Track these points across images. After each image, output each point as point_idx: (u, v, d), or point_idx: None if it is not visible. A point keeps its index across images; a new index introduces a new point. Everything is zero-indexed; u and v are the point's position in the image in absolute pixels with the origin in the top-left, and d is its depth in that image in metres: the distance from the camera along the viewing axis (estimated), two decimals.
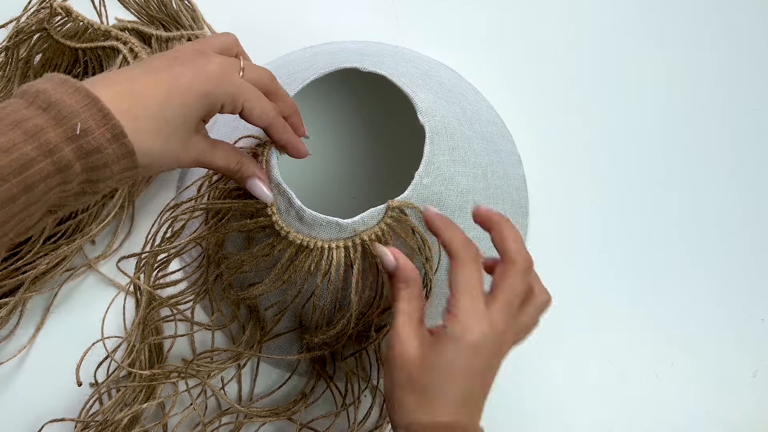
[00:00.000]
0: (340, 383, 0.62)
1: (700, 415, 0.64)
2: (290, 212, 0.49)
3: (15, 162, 0.36)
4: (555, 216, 0.67)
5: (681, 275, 0.67)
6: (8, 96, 0.65)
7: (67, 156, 0.38)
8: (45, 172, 0.37)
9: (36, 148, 0.37)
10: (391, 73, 0.52)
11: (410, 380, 0.43)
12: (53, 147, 0.37)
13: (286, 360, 0.62)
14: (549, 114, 0.70)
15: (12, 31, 0.65)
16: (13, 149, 0.36)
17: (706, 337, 0.65)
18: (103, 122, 0.38)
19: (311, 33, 0.71)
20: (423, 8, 0.73)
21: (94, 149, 0.38)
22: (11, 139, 0.36)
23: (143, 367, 0.59)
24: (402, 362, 0.44)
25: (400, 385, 0.44)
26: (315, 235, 0.50)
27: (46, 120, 0.37)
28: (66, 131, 0.38)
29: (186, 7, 0.68)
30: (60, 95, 0.38)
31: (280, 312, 0.57)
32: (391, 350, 0.44)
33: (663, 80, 0.71)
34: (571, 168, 0.69)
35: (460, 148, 0.54)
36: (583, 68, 0.71)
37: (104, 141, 0.39)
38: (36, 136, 0.37)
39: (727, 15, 0.73)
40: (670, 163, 0.69)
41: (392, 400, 0.44)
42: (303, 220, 0.49)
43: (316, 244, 0.50)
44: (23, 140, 0.37)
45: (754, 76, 0.72)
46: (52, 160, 0.37)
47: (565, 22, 0.73)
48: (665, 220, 0.68)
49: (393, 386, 0.44)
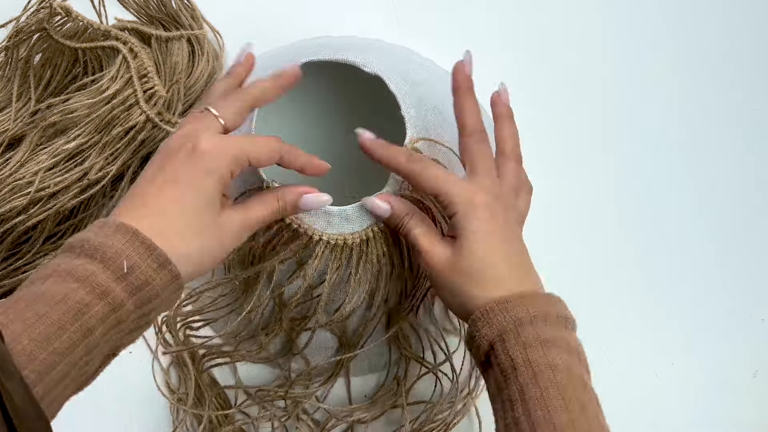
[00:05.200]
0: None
1: (700, 415, 0.64)
2: (330, 219, 0.50)
3: (72, 309, 0.37)
4: (555, 216, 0.67)
5: (681, 275, 0.67)
6: (8, 96, 0.65)
7: (120, 295, 0.38)
8: (101, 314, 0.38)
9: (89, 292, 0.37)
10: (368, 62, 0.52)
11: (452, 279, 0.45)
12: (105, 288, 0.38)
13: (374, 359, 0.63)
14: (549, 114, 0.70)
15: (12, 31, 0.65)
16: (68, 297, 0.37)
17: (706, 337, 0.65)
18: (147, 254, 0.39)
19: (311, 33, 0.71)
20: (423, 8, 0.73)
21: (143, 283, 0.39)
22: (66, 287, 0.37)
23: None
24: (438, 269, 0.46)
25: (447, 287, 0.46)
26: (347, 230, 0.50)
27: (95, 264, 0.38)
28: (114, 271, 0.38)
29: (185, 6, 0.68)
30: (102, 239, 0.39)
31: (365, 321, 0.57)
32: (425, 265, 0.47)
33: (662, 80, 0.71)
34: (570, 168, 0.69)
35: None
36: (583, 69, 0.71)
37: (151, 272, 0.39)
38: (87, 280, 0.38)
39: (727, 15, 0.73)
40: (670, 163, 0.69)
41: (450, 304, 0.47)
42: (350, 219, 0.50)
43: (354, 239, 0.50)
44: (76, 287, 0.37)
45: (754, 76, 0.72)
46: (107, 302, 0.38)
47: (565, 22, 0.73)
48: (665, 220, 0.68)
49: (443, 293, 0.47)
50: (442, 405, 0.61)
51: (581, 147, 0.69)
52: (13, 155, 0.62)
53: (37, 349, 0.35)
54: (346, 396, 0.64)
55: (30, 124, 0.63)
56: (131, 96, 0.61)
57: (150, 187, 0.42)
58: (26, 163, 0.61)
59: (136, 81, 0.61)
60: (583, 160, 0.69)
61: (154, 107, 0.61)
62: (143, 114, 0.61)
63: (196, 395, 0.60)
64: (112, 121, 0.60)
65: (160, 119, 0.62)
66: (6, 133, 0.63)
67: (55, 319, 0.36)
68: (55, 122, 0.61)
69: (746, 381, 0.65)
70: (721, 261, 0.67)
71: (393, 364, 0.63)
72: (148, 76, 0.62)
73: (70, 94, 0.63)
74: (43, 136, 0.62)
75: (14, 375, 0.33)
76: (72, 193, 0.61)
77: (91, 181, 0.61)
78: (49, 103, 0.63)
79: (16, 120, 0.64)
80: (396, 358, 0.62)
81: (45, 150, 0.61)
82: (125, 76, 0.61)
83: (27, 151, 0.61)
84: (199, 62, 0.67)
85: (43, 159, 0.61)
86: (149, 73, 0.62)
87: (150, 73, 0.62)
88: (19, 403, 0.32)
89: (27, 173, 0.60)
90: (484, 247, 0.45)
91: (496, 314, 0.43)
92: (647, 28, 0.73)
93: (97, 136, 0.61)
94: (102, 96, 0.60)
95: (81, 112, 0.60)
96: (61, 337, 0.36)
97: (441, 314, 0.62)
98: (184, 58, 0.65)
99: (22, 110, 0.65)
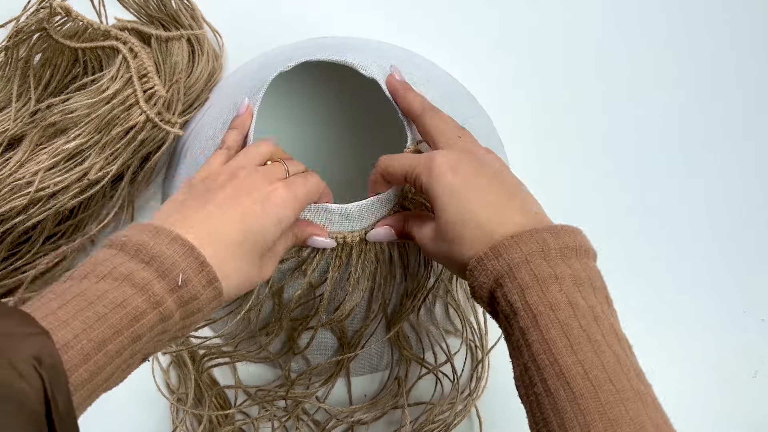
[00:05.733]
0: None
1: (700, 415, 0.64)
2: (331, 217, 0.50)
3: (128, 315, 0.38)
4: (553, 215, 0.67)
5: (681, 275, 0.67)
6: (8, 96, 0.65)
7: (170, 306, 0.40)
8: (151, 322, 0.39)
9: (145, 300, 0.39)
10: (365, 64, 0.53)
11: (441, 248, 0.45)
12: (160, 299, 0.39)
13: (374, 359, 0.63)
14: (549, 114, 0.70)
15: (12, 30, 0.65)
16: (126, 303, 0.38)
17: (706, 337, 0.65)
18: (199, 270, 0.41)
19: (311, 33, 0.71)
20: (423, 9, 0.73)
21: (192, 297, 0.41)
22: (124, 292, 0.38)
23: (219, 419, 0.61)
24: (429, 246, 0.47)
25: (442, 257, 0.46)
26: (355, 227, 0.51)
27: (151, 273, 0.39)
28: (169, 283, 0.40)
29: (185, 6, 0.68)
30: (159, 247, 0.40)
31: (366, 321, 0.57)
32: (423, 251, 0.48)
33: (662, 80, 0.71)
34: (568, 168, 0.69)
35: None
36: (583, 70, 0.71)
37: (200, 287, 0.41)
38: (144, 288, 0.39)
39: (726, 16, 0.73)
40: (670, 163, 0.69)
41: (456, 273, 0.46)
42: (350, 218, 0.50)
43: (354, 237, 0.51)
44: (133, 293, 0.38)
45: (754, 76, 0.72)
46: (158, 311, 0.39)
47: (565, 22, 0.73)
48: (665, 220, 0.68)
49: (446, 265, 0.47)
50: (442, 406, 0.61)
51: (580, 148, 0.69)
52: (13, 155, 0.62)
53: (93, 350, 0.36)
54: (346, 396, 0.64)
55: (30, 124, 0.63)
56: (131, 96, 0.61)
57: (211, 208, 0.44)
58: (26, 163, 0.61)
59: (136, 81, 0.61)
60: (581, 161, 0.69)
61: (154, 107, 0.61)
62: (143, 114, 0.61)
63: (196, 395, 0.60)
64: (112, 121, 0.60)
65: (160, 119, 0.62)
66: (6, 133, 0.63)
67: (113, 323, 0.37)
68: (55, 122, 0.61)
69: (746, 381, 0.65)
70: (721, 261, 0.67)
71: (394, 364, 0.63)
72: (148, 76, 0.62)
73: (70, 94, 0.63)
74: (43, 136, 0.62)
75: (62, 384, 0.33)
76: (72, 193, 0.61)
77: (91, 181, 0.61)
78: (49, 103, 0.63)
79: (16, 120, 0.64)
80: (397, 358, 0.62)
81: (45, 150, 0.61)
82: (125, 76, 0.61)
83: (27, 151, 0.61)
84: (199, 62, 0.67)
85: (43, 159, 0.61)
86: (149, 73, 0.62)
87: (150, 73, 0.62)
88: (63, 411, 0.33)
89: (27, 173, 0.60)
90: (456, 205, 0.43)
91: (489, 261, 0.41)
92: (647, 28, 0.73)
93: (97, 136, 0.61)
94: (102, 96, 0.60)
95: (81, 112, 0.60)
96: (115, 340, 0.37)
97: (442, 315, 0.62)
98: (184, 58, 0.65)
99: (22, 110, 0.65)
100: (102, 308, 0.37)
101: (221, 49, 0.70)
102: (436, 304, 0.60)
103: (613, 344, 0.39)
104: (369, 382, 0.64)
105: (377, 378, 0.64)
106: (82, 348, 0.35)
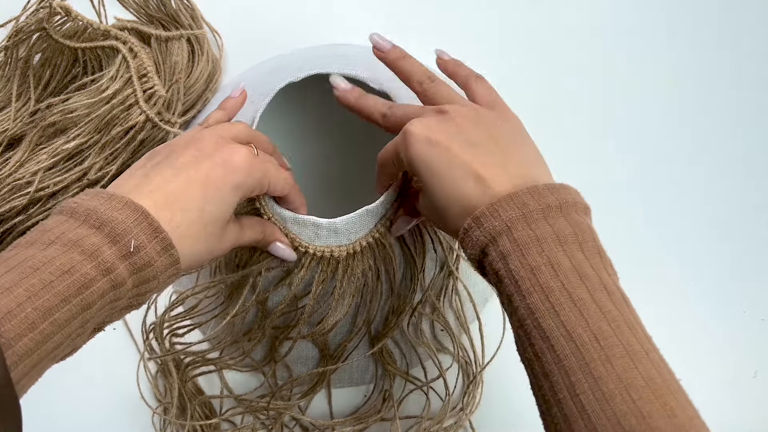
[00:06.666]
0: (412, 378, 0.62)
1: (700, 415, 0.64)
2: (319, 231, 0.50)
3: (77, 282, 0.36)
4: None
5: (681, 275, 0.67)
6: (8, 96, 0.65)
7: (122, 273, 0.38)
8: (101, 290, 0.37)
9: (95, 267, 0.37)
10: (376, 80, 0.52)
11: (435, 220, 0.46)
12: (110, 265, 0.38)
13: (356, 374, 0.62)
14: (549, 114, 0.70)
15: (11, 30, 0.65)
16: (74, 269, 0.36)
17: (706, 337, 0.65)
18: (153, 236, 0.39)
19: (311, 33, 0.71)
20: (423, 9, 0.73)
21: (146, 263, 0.39)
22: (72, 258, 0.37)
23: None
24: (428, 219, 0.48)
25: (440, 226, 0.46)
26: (341, 241, 0.50)
27: (101, 238, 0.38)
28: (120, 249, 0.38)
29: (185, 6, 0.68)
30: (111, 212, 0.39)
31: (350, 334, 0.57)
32: (424, 217, 0.48)
33: (661, 81, 0.71)
34: (568, 168, 0.69)
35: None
36: (583, 70, 0.71)
37: (154, 254, 0.39)
38: (93, 255, 0.37)
39: (726, 17, 0.73)
40: (670, 164, 0.69)
41: (449, 232, 0.45)
42: (338, 232, 0.50)
43: (340, 252, 0.50)
44: (82, 260, 0.37)
45: (753, 76, 0.72)
46: (109, 278, 0.38)
47: (565, 21, 0.73)
48: (665, 220, 0.68)
49: (444, 231, 0.48)
50: (434, 420, 0.60)
51: (580, 148, 0.69)
52: (13, 155, 0.62)
53: (39, 318, 0.35)
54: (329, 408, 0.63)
55: (30, 124, 0.63)
56: (131, 96, 0.61)
57: (171, 172, 0.42)
58: (26, 163, 0.61)
59: (135, 81, 0.61)
60: (580, 161, 0.69)
61: (153, 107, 0.61)
62: (143, 114, 0.61)
63: (180, 404, 0.60)
64: (112, 121, 0.61)
65: (159, 119, 0.62)
66: (6, 132, 0.63)
67: (59, 291, 0.36)
68: (55, 122, 0.61)
69: (746, 381, 0.65)
70: (720, 261, 0.67)
71: (378, 379, 0.62)
72: (148, 75, 0.62)
73: (70, 94, 0.63)
74: (43, 135, 0.62)
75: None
76: (71, 193, 0.61)
77: (91, 181, 0.61)
78: (48, 102, 0.63)
79: (16, 120, 0.64)
80: (381, 373, 0.62)
81: (44, 150, 0.61)
82: (125, 75, 0.61)
83: (27, 151, 0.61)
84: (199, 62, 0.67)
85: (42, 159, 0.61)
86: (149, 73, 0.62)
87: (150, 72, 0.62)
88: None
89: (27, 173, 0.60)
90: (437, 181, 0.42)
91: (473, 231, 0.40)
92: (647, 28, 0.73)
93: (97, 135, 0.61)
94: (102, 96, 0.60)
95: (81, 112, 0.60)
96: (63, 308, 0.36)
97: (429, 333, 0.62)
98: (184, 58, 0.65)
99: (21, 110, 0.65)
100: (48, 275, 0.36)
101: (221, 49, 0.70)
102: (423, 322, 0.59)
103: (600, 300, 0.37)
104: (356, 394, 0.64)
105: (362, 391, 0.64)
106: (26, 316, 0.34)
